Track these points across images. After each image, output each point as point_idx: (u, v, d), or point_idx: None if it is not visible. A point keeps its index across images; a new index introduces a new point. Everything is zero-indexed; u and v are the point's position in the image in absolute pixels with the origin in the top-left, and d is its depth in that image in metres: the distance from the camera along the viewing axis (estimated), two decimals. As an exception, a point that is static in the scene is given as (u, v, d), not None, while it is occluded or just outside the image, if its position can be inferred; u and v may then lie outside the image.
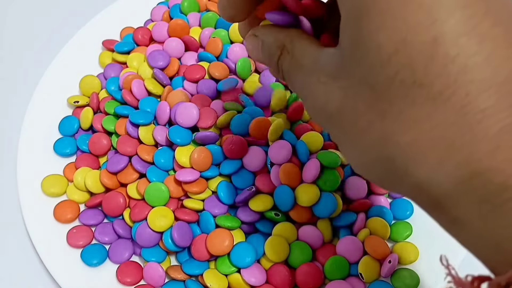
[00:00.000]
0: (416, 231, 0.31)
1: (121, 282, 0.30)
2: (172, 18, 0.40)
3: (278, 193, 0.30)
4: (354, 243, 0.29)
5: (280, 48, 0.19)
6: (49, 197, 0.33)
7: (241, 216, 0.30)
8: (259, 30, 0.20)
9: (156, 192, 0.31)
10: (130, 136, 0.33)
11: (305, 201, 0.29)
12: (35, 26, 0.44)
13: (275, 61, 0.19)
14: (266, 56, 0.20)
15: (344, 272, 0.29)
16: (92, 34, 0.40)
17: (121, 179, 0.32)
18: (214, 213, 0.31)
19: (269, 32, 0.20)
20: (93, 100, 0.36)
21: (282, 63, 0.19)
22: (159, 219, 0.30)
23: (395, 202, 0.32)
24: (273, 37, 0.20)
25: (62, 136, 0.35)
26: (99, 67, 0.39)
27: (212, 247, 0.29)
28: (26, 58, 0.42)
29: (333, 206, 0.30)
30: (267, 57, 0.20)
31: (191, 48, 0.38)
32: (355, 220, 0.30)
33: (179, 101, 0.34)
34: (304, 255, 0.30)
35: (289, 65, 0.19)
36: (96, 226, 0.32)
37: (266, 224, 0.31)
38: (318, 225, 0.30)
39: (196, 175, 0.31)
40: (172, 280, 0.30)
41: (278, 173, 0.30)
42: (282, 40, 0.19)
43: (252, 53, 0.21)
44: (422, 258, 0.30)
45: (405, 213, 0.32)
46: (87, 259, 0.30)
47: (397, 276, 0.29)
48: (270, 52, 0.20)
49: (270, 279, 0.29)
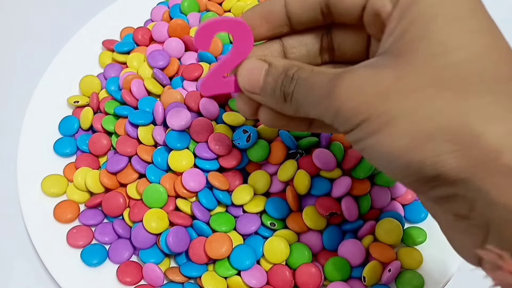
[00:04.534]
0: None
1: (121, 282, 0.30)
2: (172, 18, 0.40)
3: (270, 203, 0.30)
4: (356, 246, 0.29)
5: (292, 69, 0.19)
6: (49, 197, 0.33)
7: (242, 230, 0.30)
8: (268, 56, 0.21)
9: (154, 194, 0.31)
10: (129, 136, 0.33)
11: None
12: (35, 26, 0.44)
13: (280, 84, 0.20)
14: (273, 79, 0.20)
15: (345, 274, 0.29)
16: (92, 34, 0.40)
17: (121, 179, 0.32)
18: (200, 218, 0.30)
19: (277, 58, 0.21)
20: (93, 100, 0.36)
21: (299, 74, 0.19)
22: (154, 221, 0.30)
23: (410, 205, 0.32)
24: (282, 60, 0.20)
25: (62, 136, 0.35)
26: (99, 67, 0.39)
27: (211, 251, 0.29)
28: (26, 58, 0.42)
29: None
30: (273, 81, 0.20)
31: (191, 48, 0.38)
32: (362, 225, 0.30)
33: (174, 101, 0.33)
34: (304, 256, 0.29)
35: (305, 81, 0.19)
36: (96, 226, 0.32)
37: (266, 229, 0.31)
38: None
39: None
40: (171, 282, 0.30)
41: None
42: (292, 63, 0.20)
43: (248, 80, 0.21)
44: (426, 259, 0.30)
45: (419, 216, 0.31)
46: (87, 259, 0.30)
47: (401, 279, 0.29)
48: (277, 73, 0.20)
49: (271, 280, 0.29)
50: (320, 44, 0.23)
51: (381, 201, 0.31)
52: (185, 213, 0.31)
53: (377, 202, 0.31)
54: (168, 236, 0.29)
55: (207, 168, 0.31)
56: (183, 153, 0.32)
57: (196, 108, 0.33)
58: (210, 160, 0.31)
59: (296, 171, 0.30)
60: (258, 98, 0.21)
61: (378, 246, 0.29)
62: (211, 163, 0.31)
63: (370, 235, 0.30)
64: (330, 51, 0.23)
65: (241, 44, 0.21)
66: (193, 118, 0.33)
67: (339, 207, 0.30)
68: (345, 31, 0.22)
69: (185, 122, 0.32)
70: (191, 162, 0.31)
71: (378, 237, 0.30)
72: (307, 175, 0.30)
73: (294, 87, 0.19)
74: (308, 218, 0.30)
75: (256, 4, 0.22)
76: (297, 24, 0.22)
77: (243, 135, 0.31)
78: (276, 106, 0.21)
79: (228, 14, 0.40)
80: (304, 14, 0.21)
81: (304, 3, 0.21)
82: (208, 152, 0.31)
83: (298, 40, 0.23)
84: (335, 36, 0.22)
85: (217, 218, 0.31)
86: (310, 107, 0.19)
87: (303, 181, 0.30)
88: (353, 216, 0.30)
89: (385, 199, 0.31)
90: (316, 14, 0.21)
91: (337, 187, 0.30)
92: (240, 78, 0.21)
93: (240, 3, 0.40)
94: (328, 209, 0.29)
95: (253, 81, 0.21)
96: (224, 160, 0.31)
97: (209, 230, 0.30)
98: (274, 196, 0.31)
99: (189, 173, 0.31)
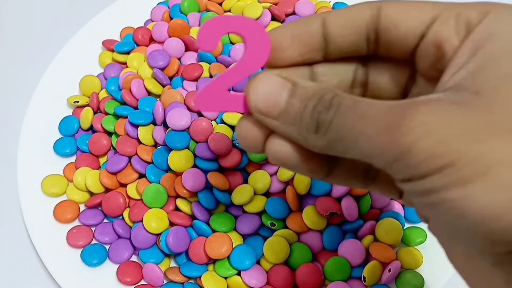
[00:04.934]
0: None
1: (121, 282, 0.30)
2: (172, 18, 0.40)
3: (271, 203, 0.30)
4: (356, 246, 0.29)
5: (329, 94, 0.16)
6: (49, 197, 0.33)
7: (242, 230, 0.30)
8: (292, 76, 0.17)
9: (154, 194, 0.31)
10: (129, 136, 0.33)
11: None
12: (35, 26, 0.44)
13: (311, 109, 0.16)
14: (300, 101, 0.16)
15: (345, 274, 0.29)
16: (92, 34, 0.40)
17: (121, 179, 0.32)
18: (200, 218, 0.30)
19: (302, 79, 0.17)
20: (93, 100, 0.36)
21: (341, 101, 0.15)
22: (154, 221, 0.30)
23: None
24: (311, 82, 0.17)
25: (62, 136, 0.35)
26: (99, 67, 0.39)
27: (211, 251, 0.29)
28: (26, 58, 0.42)
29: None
30: (301, 104, 0.16)
31: (191, 48, 0.38)
32: (362, 225, 0.30)
33: (173, 101, 0.33)
34: (304, 256, 0.29)
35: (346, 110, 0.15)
36: (96, 226, 0.32)
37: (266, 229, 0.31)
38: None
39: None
40: (171, 282, 0.30)
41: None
42: (326, 87, 0.16)
43: (265, 100, 0.16)
44: (426, 259, 0.30)
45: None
46: (87, 259, 0.30)
47: (401, 279, 0.29)
48: (307, 96, 0.16)
49: (271, 280, 0.29)
50: (353, 76, 0.19)
51: (381, 201, 0.31)
52: (185, 213, 0.31)
53: (377, 202, 0.31)
54: (168, 236, 0.29)
55: (207, 168, 0.31)
56: (183, 153, 0.32)
57: (196, 108, 0.33)
58: (210, 160, 0.31)
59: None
60: (274, 124, 0.16)
61: (378, 246, 0.29)
62: (211, 163, 0.31)
63: (370, 235, 0.30)
64: (363, 85, 0.20)
65: (254, 52, 0.17)
66: (193, 118, 0.33)
67: (339, 207, 0.30)
68: (385, 64, 0.19)
69: (185, 122, 0.32)
70: (191, 162, 0.31)
71: (378, 237, 0.30)
72: (307, 175, 0.30)
73: (335, 114, 0.15)
74: (308, 218, 0.30)
75: (285, 25, 0.18)
76: (334, 50, 0.18)
77: None
78: (298, 136, 0.16)
79: (229, 14, 0.40)
80: (347, 39, 0.18)
81: (349, 25, 0.17)
82: (208, 152, 0.31)
83: (329, 69, 0.19)
84: (372, 69, 0.19)
85: (217, 218, 0.31)
86: (355, 143, 0.15)
87: (303, 181, 0.30)
88: (353, 216, 0.30)
89: (385, 199, 0.31)
90: (359, 40, 0.18)
91: (337, 187, 0.30)
92: (253, 95, 0.16)
93: (240, 3, 0.40)
94: (328, 209, 0.29)
95: (271, 102, 0.16)
96: (224, 160, 0.31)
97: (209, 230, 0.30)
98: (274, 196, 0.31)
99: (189, 173, 0.31)
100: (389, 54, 0.18)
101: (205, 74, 0.36)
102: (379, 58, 0.19)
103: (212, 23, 0.17)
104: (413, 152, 0.13)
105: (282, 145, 0.17)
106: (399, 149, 0.13)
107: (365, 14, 0.17)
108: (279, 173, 0.31)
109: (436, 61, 0.16)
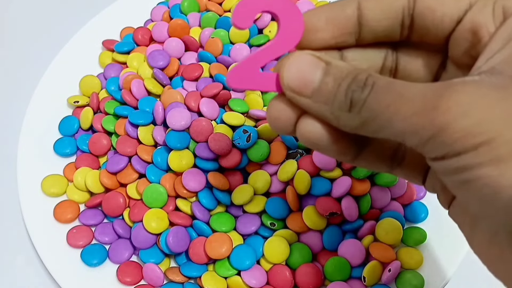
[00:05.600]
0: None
1: (121, 282, 0.30)
2: (172, 18, 0.40)
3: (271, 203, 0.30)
4: (356, 246, 0.29)
5: (363, 74, 0.16)
6: (49, 197, 0.33)
7: (242, 230, 0.30)
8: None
9: (154, 194, 0.31)
10: (129, 136, 0.33)
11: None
12: (35, 26, 0.44)
13: (345, 88, 0.15)
14: (334, 80, 0.16)
15: (345, 274, 0.29)
16: (92, 34, 0.40)
17: (120, 179, 0.32)
18: (200, 218, 0.30)
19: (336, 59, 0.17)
20: (93, 100, 0.36)
21: (375, 80, 0.15)
22: (154, 221, 0.30)
23: (410, 205, 0.32)
24: (344, 63, 0.16)
25: (62, 136, 0.35)
26: (99, 67, 0.39)
27: (211, 251, 0.29)
28: (26, 58, 0.42)
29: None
30: (335, 82, 0.16)
31: (191, 48, 0.38)
32: (362, 225, 0.30)
33: (173, 101, 0.33)
34: (304, 256, 0.29)
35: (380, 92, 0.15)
36: (96, 226, 0.32)
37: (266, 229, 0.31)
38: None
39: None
40: (171, 282, 0.30)
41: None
42: (360, 68, 0.16)
43: (298, 78, 0.16)
44: (426, 259, 0.30)
45: (419, 216, 0.31)
46: (87, 259, 0.30)
47: (401, 279, 0.29)
48: (341, 75, 0.16)
49: (271, 280, 0.29)
50: (383, 62, 0.19)
51: (381, 201, 0.31)
52: (185, 213, 0.31)
53: (377, 202, 0.31)
54: (168, 236, 0.30)
55: (207, 168, 0.31)
56: (183, 153, 0.32)
57: (196, 108, 0.33)
58: (210, 160, 0.31)
59: (296, 171, 0.30)
60: (307, 102, 0.16)
61: (378, 246, 0.29)
62: (211, 163, 0.31)
63: (370, 235, 0.30)
64: (392, 71, 0.20)
65: (287, 32, 0.17)
66: (193, 118, 0.33)
67: (339, 207, 0.30)
68: (416, 51, 0.19)
69: (185, 122, 0.32)
70: (191, 162, 0.31)
71: (378, 237, 0.30)
72: (307, 175, 0.30)
73: (369, 93, 0.15)
74: (308, 218, 0.30)
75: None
76: (367, 35, 0.18)
77: (243, 135, 0.31)
78: (330, 116, 0.16)
79: (229, 14, 0.40)
80: (382, 23, 0.18)
81: (385, 9, 0.17)
82: (208, 152, 0.31)
83: (360, 54, 0.19)
84: (402, 55, 0.19)
85: (217, 218, 0.31)
86: (389, 122, 0.15)
87: (303, 181, 0.30)
88: (353, 216, 0.30)
89: (385, 199, 0.31)
90: (394, 25, 0.18)
91: (337, 187, 0.30)
92: (286, 73, 0.16)
93: (240, 3, 0.40)
94: (328, 209, 0.29)
95: (304, 80, 0.16)
96: (224, 160, 0.31)
97: (209, 230, 0.30)
98: (274, 196, 0.31)
99: (189, 173, 0.31)
100: (422, 40, 0.18)
101: (205, 74, 0.36)
102: (410, 45, 0.19)
103: (248, 1, 0.16)
104: (449, 130, 0.13)
105: (313, 125, 0.17)
106: (435, 128, 0.14)
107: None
108: (279, 173, 0.31)
109: (471, 47, 0.16)
